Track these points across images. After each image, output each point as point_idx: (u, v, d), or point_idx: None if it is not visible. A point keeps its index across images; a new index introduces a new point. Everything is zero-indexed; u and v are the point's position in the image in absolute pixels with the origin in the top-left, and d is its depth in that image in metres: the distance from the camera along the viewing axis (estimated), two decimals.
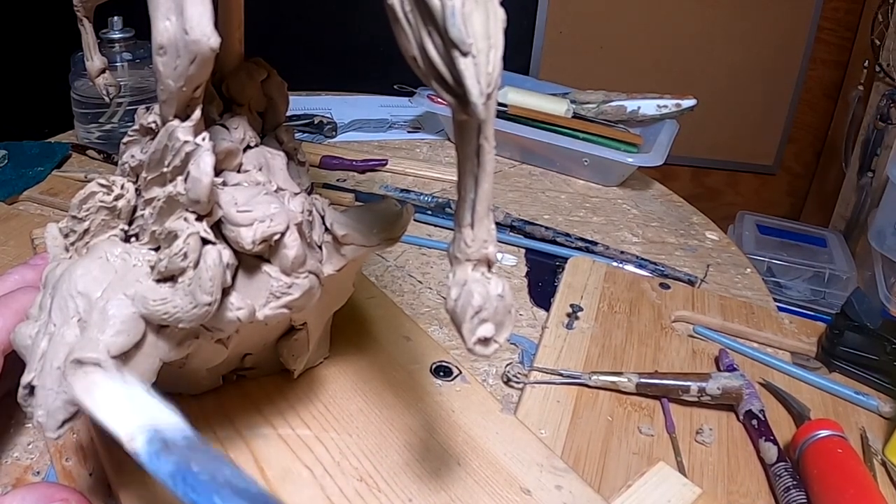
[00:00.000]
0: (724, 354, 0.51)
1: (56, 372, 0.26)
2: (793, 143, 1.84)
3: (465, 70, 0.19)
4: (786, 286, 1.41)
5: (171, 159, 0.28)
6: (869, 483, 0.39)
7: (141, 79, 0.80)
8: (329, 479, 0.34)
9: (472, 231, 0.24)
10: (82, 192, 0.31)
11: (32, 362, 0.27)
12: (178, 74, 0.26)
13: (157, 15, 0.26)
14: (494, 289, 0.25)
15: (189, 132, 0.27)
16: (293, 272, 0.30)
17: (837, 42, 1.74)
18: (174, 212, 0.28)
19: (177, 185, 0.28)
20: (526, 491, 0.34)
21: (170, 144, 0.28)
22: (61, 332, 0.27)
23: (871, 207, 1.50)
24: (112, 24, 0.77)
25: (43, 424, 0.26)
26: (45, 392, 0.26)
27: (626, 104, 0.87)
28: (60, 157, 0.76)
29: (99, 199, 0.31)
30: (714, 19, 1.67)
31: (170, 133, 0.28)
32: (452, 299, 0.25)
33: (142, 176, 0.31)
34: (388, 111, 1.01)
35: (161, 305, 0.27)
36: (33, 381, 0.27)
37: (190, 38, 0.25)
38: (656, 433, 0.45)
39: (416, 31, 0.20)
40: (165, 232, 0.28)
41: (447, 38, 0.19)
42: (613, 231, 0.74)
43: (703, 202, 1.18)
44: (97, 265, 0.29)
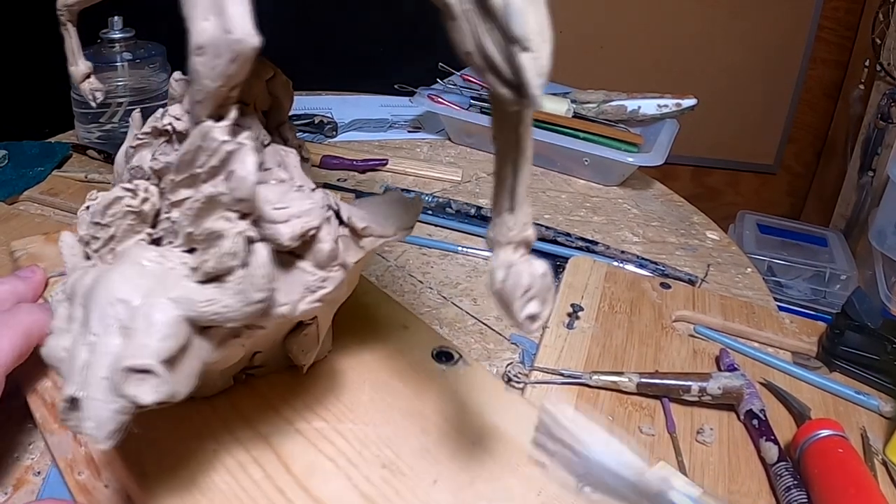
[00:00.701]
0: (725, 354, 0.51)
1: (103, 382, 0.26)
2: (793, 142, 1.84)
3: (525, 64, 0.21)
4: (786, 286, 1.41)
5: (207, 160, 0.28)
6: (869, 483, 0.39)
7: (141, 79, 0.80)
8: (353, 468, 0.34)
9: (513, 215, 0.26)
10: (105, 197, 0.31)
11: (72, 374, 0.27)
12: (216, 74, 0.26)
13: (194, 15, 0.25)
14: (538, 268, 0.26)
15: (226, 132, 0.27)
16: (327, 266, 0.30)
17: (838, 41, 1.74)
18: (214, 212, 0.28)
19: (217, 184, 0.28)
20: (541, 463, 0.35)
21: (204, 145, 0.28)
22: (104, 342, 0.26)
23: (871, 207, 1.49)
24: (112, 24, 0.77)
25: (93, 436, 0.26)
26: (94, 403, 0.26)
27: (627, 104, 0.87)
28: (60, 157, 0.76)
29: (126, 204, 0.31)
30: (714, 19, 1.67)
31: (204, 134, 0.27)
32: (500, 280, 0.26)
33: (168, 178, 0.30)
34: (389, 111, 1.01)
35: (210, 306, 0.27)
36: (77, 394, 0.26)
37: (233, 37, 0.25)
38: (657, 433, 0.45)
39: (473, 28, 0.21)
40: (206, 232, 0.28)
41: (508, 35, 0.20)
42: (614, 231, 0.74)
43: (704, 202, 1.17)
44: (133, 271, 0.28)
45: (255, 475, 0.33)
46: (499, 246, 0.27)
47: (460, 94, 0.92)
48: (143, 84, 0.80)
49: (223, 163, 0.28)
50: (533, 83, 0.21)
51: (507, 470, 0.35)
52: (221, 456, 0.34)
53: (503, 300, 0.26)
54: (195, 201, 0.28)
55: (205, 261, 0.28)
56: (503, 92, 0.22)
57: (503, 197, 0.26)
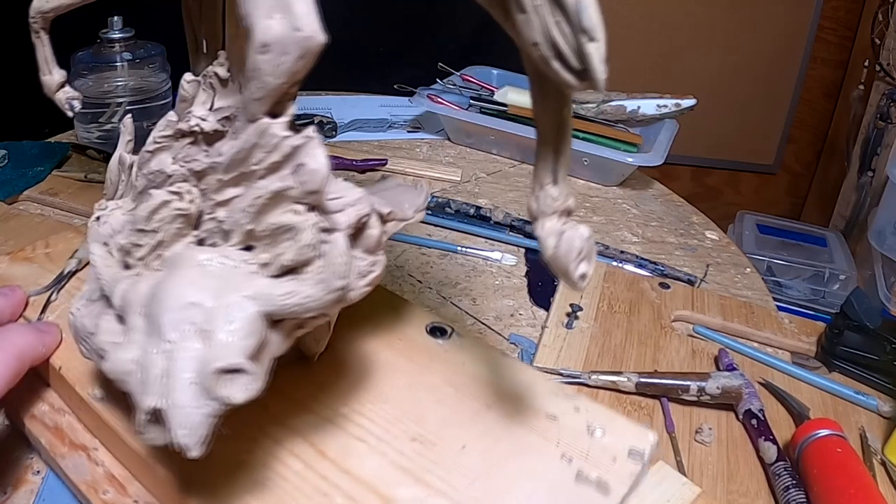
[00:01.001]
0: (724, 354, 0.52)
1: (191, 388, 0.25)
2: (793, 142, 1.84)
3: (593, 53, 0.23)
4: (786, 286, 1.41)
5: (265, 157, 0.28)
6: (868, 483, 0.40)
7: (141, 79, 0.80)
8: (386, 445, 0.35)
9: (557, 187, 0.29)
10: (149, 204, 0.31)
11: (149, 386, 0.26)
12: (282, 71, 0.26)
13: (258, 14, 0.26)
14: (584, 232, 0.29)
15: (286, 128, 0.28)
16: (375, 251, 0.31)
17: (838, 41, 1.74)
18: (279, 206, 0.28)
19: (283, 179, 0.28)
20: (552, 417, 0.37)
21: (261, 142, 0.28)
22: (183, 347, 0.26)
23: (871, 207, 1.50)
24: (112, 24, 0.77)
25: (186, 444, 0.25)
26: (182, 411, 0.25)
27: (626, 104, 0.87)
28: (60, 157, 0.76)
29: (175, 208, 0.30)
30: (714, 19, 1.67)
31: (262, 131, 0.28)
32: (552, 247, 0.28)
33: (212, 178, 0.30)
34: (388, 111, 1.01)
35: (289, 299, 0.27)
36: (159, 405, 0.26)
37: (302, 34, 0.26)
38: (656, 433, 0.45)
39: (543, 21, 0.24)
40: (271, 228, 0.28)
41: (578, 27, 0.23)
42: (613, 231, 0.74)
43: (703, 202, 1.17)
44: (196, 273, 0.28)
45: (294, 466, 0.34)
46: (543, 216, 0.29)
47: (460, 95, 0.93)
48: (142, 84, 0.80)
49: (286, 158, 0.28)
50: (598, 69, 0.23)
51: (524, 427, 0.37)
52: (258, 454, 0.34)
53: (559, 265, 0.29)
54: (257, 198, 0.28)
55: (279, 255, 0.28)
56: (567, 78, 0.24)
57: (545, 172, 0.29)
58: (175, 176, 0.32)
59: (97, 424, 0.37)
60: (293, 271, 0.29)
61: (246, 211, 0.29)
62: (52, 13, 0.42)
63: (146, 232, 0.30)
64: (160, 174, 0.32)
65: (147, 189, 0.33)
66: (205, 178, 0.31)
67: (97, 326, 0.31)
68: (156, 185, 0.32)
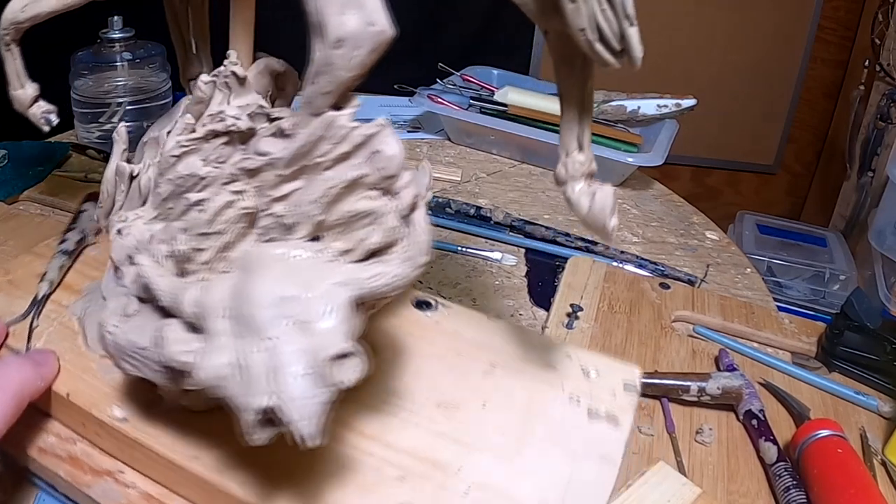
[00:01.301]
0: (724, 354, 0.51)
1: (304, 379, 0.26)
2: (793, 142, 1.84)
3: (633, 36, 0.27)
4: (786, 286, 1.41)
5: (332, 148, 0.29)
6: (869, 483, 0.39)
7: (141, 78, 0.80)
8: (416, 415, 0.37)
9: (583, 153, 0.32)
10: (212, 206, 0.31)
11: (254, 386, 0.26)
12: (353, 65, 0.28)
13: (331, 11, 0.27)
14: (610, 189, 0.31)
15: (352, 118, 0.29)
16: None
17: (838, 41, 1.73)
18: (353, 194, 0.30)
19: (358, 167, 0.29)
20: (551, 366, 0.40)
21: (328, 134, 0.29)
22: (287, 341, 0.26)
23: (871, 207, 1.49)
24: (112, 24, 0.77)
25: (310, 434, 0.26)
26: (298, 403, 0.25)
27: (626, 104, 0.87)
28: (60, 157, 0.76)
29: (241, 207, 0.31)
30: (714, 19, 1.67)
31: (328, 123, 0.29)
32: (586, 207, 0.32)
33: (269, 175, 0.31)
34: (388, 111, 1.01)
35: (378, 280, 0.29)
36: (271, 403, 0.26)
37: (375, 29, 0.28)
38: (656, 433, 0.45)
39: (590, 9, 0.27)
40: (347, 216, 0.30)
41: (622, 14, 0.27)
42: None
43: (703, 202, 1.17)
44: (278, 268, 0.29)
45: (341, 450, 0.34)
46: (573, 180, 0.32)
47: (460, 95, 0.92)
48: (142, 84, 0.80)
49: (357, 147, 0.29)
50: (637, 48, 0.27)
51: (530, 379, 0.40)
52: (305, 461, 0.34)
53: (595, 220, 0.32)
54: (331, 188, 0.29)
55: (362, 240, 0.30)
56: (608, 58, 0.28)
57: (572, 140, 0.32)
58: (209, 178, 0.32)
59: (122, 446, 0.36)
60: (376, 254, 0.30)
61: (317, 202, 0.30)
62: (27, 23, 0.40)
63: (209, 235, 0.31)
64: (191, 178, 0.32)
65: (176, 194, 0.32)
66: (259, 176, 0.31)
67: (159, 339, 0.30)
68: (185, 189, 0.32)
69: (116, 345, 0.32)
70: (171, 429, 0.35)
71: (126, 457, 0.36)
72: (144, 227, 0.33)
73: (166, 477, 0.35)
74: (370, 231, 0.30)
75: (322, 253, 0.30)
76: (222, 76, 0.33)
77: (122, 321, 0.32)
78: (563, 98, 0.31)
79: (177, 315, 0.30)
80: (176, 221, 0.32)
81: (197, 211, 0.31)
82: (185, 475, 0.34)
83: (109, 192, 0.37)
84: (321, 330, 0.27)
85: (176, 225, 0.32)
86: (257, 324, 0.27)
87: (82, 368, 0.38)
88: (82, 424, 0.37)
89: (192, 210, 0.31)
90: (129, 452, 0.36)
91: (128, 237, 0.33)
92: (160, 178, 0.33)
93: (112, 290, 0.35)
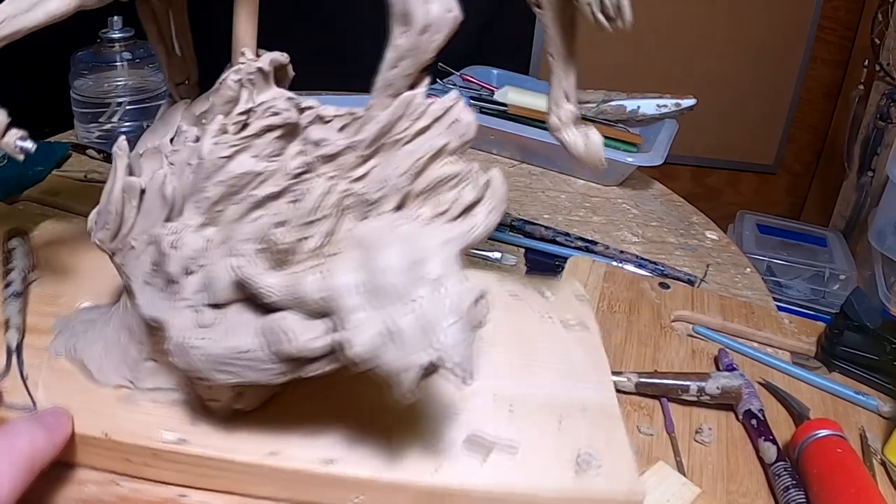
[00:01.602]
0: (724, 354, 0.52)
1: (456, 328, 0.28)
2: (793, 142, 1.84)
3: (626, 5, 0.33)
4: (786, 286, 1.41)
5: (412, 124, 0.33)
6: (868, 483, 0.39)
7: (141, 78, 0.80)
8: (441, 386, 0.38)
9: (570, 103, 0.36)
10: (313, 195, 0.31)
11: (410, 344, 0.28)
12: (433, 48, 0.32)
13: (417, 2, 0.32)
14: (597, 132, 0.38)
15: (426, 95, 0.33)
16: None
17: (838, 41, 1.74)
18: (436, 162, 0.33)
19: (439, 137, 0.33)
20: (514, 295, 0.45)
21: (408, 112, 0.32)
22: (431, 299, 0.29)
23: (871, 207, 1.49)
24: (112, 23, 0.77)
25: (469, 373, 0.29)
26: (454, 350, 0.28)
27: (626, 104, 0.87)
28: (60, 156, 0.76)
29: (340, 191, 0.32)
30: (714, 19, 1.67)
31: (408, 102, 0.33)
32: (582, 146, 0.37)
33: (351, 157, 0.33)
34: None
35: (475, 231, 0.33)
36: (432, 357, 0.28)
37: (453, 14, 0.32)
38: (656, 433, 0.45)
39: None
40: (434, 181, 0.33)
41: None
42: (613, 231, 0.74)
43: (703, 202, 1.17)
44: (394, 239, 0.31)
45: None
46: (566, 125, 0.37)
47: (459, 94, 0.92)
48: (142, 84, 0.80)
49: (436, 119, 0.33)
50: (629, 14, 0.33)
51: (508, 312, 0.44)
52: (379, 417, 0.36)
53: (591, 156, 0.37)
54: (418, 159, 0.33)
55: (455, 200, 0.33)
56: (605, 23, 0.33)
57: (560, 93, 0.36)
58: (266, 173, 0.32)
59: (182, 468, 0.35)
60: (467, 211, 0.33)
61: (406, 174, 0.33)
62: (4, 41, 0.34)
63: (314, 223, 0.32)
64: (246, 175, 0.32)
65: (229, 195, 0.32)
66: (337, 160, 0.33)
67: (278, 334, 0.30)
68: (240, 188, 0.32)
69: (209, 356, 0.31)
70: (233, 434, 0.35)
71: (187, 479, 0.35)
72: (196, 236, 0.33)
73: (240, 483, 0.35)
74: (461, 191, 0.33)
75: (417, 220, 0.33)
76: (245, 73, 0.33)
77: (205, 332, 0.32)
78: (552, 61, 0.36)
79: (289, 307, 0.30)
80: (240, 221, 0.32)
81: (287, 203, 0.32)
82: (265, 474, 0.34)
83: (118, 211, 0.35)
84: (453, 283, 0.29)
85: (245, 224, 0.32)
86: (399, 291, 0.29)
87: (104, 404, 0.36)
88: (126, 461, 0.35)
89: (271, 204, 0.32)
90: (191, 473, 0.35)
91: (184, 248, 0.32)
92: (206, 183, 0.33)
93: (166, 309, 0.33)
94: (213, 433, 0.35)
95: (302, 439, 0.35)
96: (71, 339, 0.39)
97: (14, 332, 0.40)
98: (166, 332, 0.32)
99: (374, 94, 0.33)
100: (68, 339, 0.40)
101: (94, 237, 0.36)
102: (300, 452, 0.35)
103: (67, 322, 0.41)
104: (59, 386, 0.37)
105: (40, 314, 0.42)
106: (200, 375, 0.32)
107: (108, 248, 0.36)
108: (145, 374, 0.37)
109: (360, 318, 0.29)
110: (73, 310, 0.43)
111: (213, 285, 0.32)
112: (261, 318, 0.31)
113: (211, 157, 0.33)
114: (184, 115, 0.38)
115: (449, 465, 0.34)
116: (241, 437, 0.35)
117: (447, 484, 0.34)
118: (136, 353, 0.37)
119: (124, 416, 0.36)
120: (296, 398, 0.37)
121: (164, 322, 0.33)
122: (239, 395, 0.34)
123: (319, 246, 0.32)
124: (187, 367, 0.32)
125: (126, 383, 0.37)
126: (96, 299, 0.43)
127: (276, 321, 0.30)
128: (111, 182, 0.35)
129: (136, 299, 0.35)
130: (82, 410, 0.35)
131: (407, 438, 0.35)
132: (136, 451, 0.35)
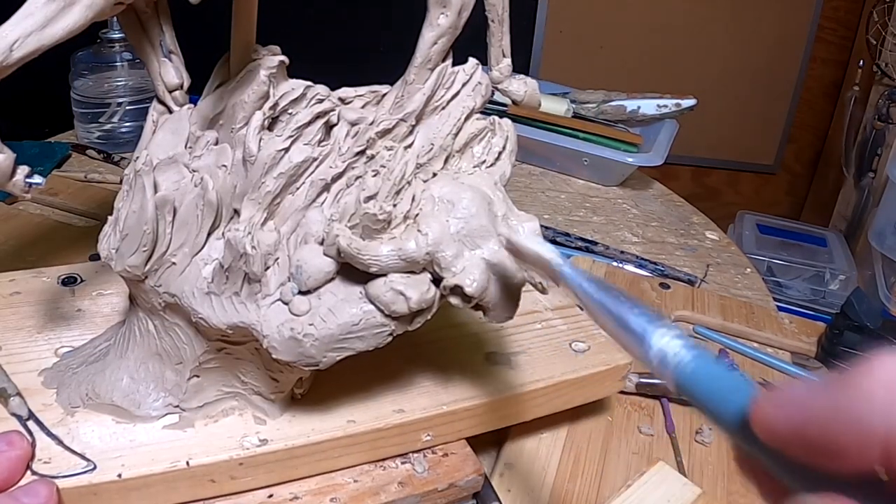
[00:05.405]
0: (724, 354, 0.52)
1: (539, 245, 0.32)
2: (793, 142, 1.84)
3: None
4: (786, 286, 1.41)
5: (446, 92, 0.37)
6: None
7: (140, 79, 0.80)
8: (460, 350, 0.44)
9: (507, 59, 0.40)
10: (397, 168, 0.34)
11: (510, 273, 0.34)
12: (461, 25, 0.36)
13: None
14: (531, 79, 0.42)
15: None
16: None
17: (837, 41, 1.74)
18: (468, 121, 0.38)
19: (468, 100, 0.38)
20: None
21: (443, 82, 0.37)
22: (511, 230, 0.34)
23: (871, 207, 1.49)
24: (112, 24, 0.77)
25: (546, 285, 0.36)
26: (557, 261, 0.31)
27: (626, 104, 0.87)
28: (60, 157, 0.76)
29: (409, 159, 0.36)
30: (714, 19, 1.67)
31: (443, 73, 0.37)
32: (523, 92, 0.41)
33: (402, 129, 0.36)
34: None
35: (507, 170, 0.39)
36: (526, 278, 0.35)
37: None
38: (656, 433, 0.45)
39: None
40: (469, 137, 0.38)
41: None
42: (613, 231, 0.74)
43: (703, 202, 1.17)
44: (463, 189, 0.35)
45: None
46: (506, 77, 0.40)
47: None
48: (142, 84, 0.80)
49: (463, 85, 0.38)
50: None
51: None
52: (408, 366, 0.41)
53: (533, 100, 0.41)
54: (457, 121, 0.37)
55: (490, 149, 0.38)
56: None
57: (499, 50, 0.40)
58: (321, 157, 0.35)
59: (271, 467, 0.35)
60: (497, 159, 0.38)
61: (450, 135, 0.37)
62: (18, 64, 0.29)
63: (401, 190, 0.34)
64: (304, 163, 0.34)
65: (289, 184, 0.34)
66: (390, 134, 0.36)
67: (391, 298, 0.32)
68: (297, 176, 0.34)
69: (322, 339, 0.32)
70: (300, 420, 0.36)
71: (273, 477, 0.35)
72: (266, 232, 0.33)
73: (324, 462, 0.36)
74: (490, 141, 0.38)
75: (464, 173, 0.37)
76: (267, 68, 0.34)
77: (307, 319, 0.32)
78: (492, 23, 0.39)
79: (393, 270, 0.32)
80: (308, 208, 0.34)
81: (371, 177, 0.34)
82: (348, 444, 0.36)
83: (153, 230, 0.33)
84: (517, 213, 0.36)
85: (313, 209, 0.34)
86: (489, 230, 0.34)
87: (161, 437, 0.35)
88: (211, 482, 0.34)
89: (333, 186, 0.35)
90: (278, 470, 0.35)
91: (262, 245, 0.33)
92: (264, 178, 0.33)
93: (247, 311, 0.33)
94: (283, 426, 0.36)
95: (363, 403, 0.38)
96: (80, 387, 0.36)
97: (18, 400, 0.36)
98: (258, 332, 0.32)
99: (412, 70, 0.36)
100: (76, 388, 0.36)
101: (121, 266, 0.33)
102: (370, 413, 0.37)
103: (57, 373, 0.38)
104: (100, 435, 0.34)
105: (21, 374, 0.37)
106: (311, 361, 0.32)
107: (142, 272, 0.34)
108: (191, 393, 0.36)
109: (463, 261, 0.33)
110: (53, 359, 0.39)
111: (304, 273, 0.32)
112: (359, 289, 0.33)
113: (266, 151, 0.33)
114: (192, 121, 0.37)
115: (482, 382, 0.41)
116: (310, 420, 0.36)
117: (492, 396, 0.40)
118: (176, 376, 0.36)
119: (191, 439, 0.35)
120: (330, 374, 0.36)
121: (252, 324, 0.32)
122: (300, 380, 0.36)
123: (409, 209, 0.34)
124: (297, 358, 0.32)
125: (172, 410, 0.36)
126: (69, 342, 0.40)
127: (388, 285, 0.32)
128: (136, 202, 0.33)
129: (197, 314, 0.33)
130: (141, 450, 0.34)
131: (437, 374, 0.41)
132: (222, 467, 0.34)
